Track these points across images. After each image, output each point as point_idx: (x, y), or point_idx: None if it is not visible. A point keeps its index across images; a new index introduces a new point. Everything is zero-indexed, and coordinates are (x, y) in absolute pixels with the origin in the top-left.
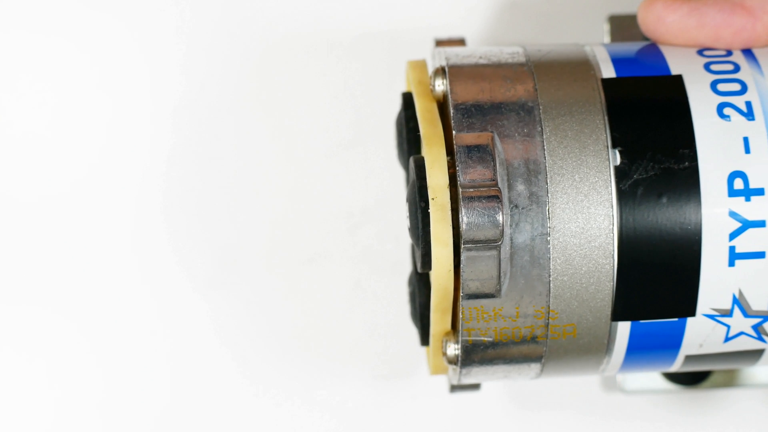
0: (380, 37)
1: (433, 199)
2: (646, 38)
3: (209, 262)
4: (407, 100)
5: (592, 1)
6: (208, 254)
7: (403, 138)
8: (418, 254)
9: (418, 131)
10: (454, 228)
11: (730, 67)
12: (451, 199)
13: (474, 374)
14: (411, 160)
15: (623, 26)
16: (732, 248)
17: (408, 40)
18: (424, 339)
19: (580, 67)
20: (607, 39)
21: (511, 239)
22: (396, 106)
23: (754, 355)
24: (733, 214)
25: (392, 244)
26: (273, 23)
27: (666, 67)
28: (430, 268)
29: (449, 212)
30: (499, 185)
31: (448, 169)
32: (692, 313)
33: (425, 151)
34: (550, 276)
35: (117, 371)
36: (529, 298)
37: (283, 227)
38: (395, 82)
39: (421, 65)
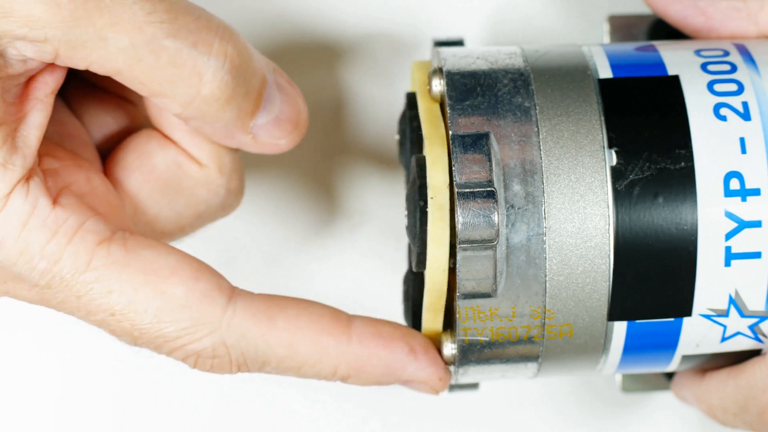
0: (380, 38)
1: (432, 198)
2: (645, 38)
3: (209, 262)
4: (411, 100)
5: (592, 1)
6: (208, 254)
7: (406, 137)
8: (414, 253)
9: (421, 131)
10: (451, 228)
11: (726, 67)
12: (449, 200)
13: (471, 374)
14: (413, 159)
15: (623, 26)
16: (728, 248)
17: (408, 40)
18: None
19: (577, 67)
20: (606, 39)
21: (507, 239)
22: (396, 106)
23: (751, 355)
24: (729, 215)
25: (392, 244)
26: (273, 23)
27: (663, 68)
28: (425, 267)
29: (447, 212)
30: (495, 185)
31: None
32: (688, 313)
33: (427, 151)
34: (546, 276)
35: (114, 371)
36: (526, 297)
37: (283, 227)
38: (395, 82)
39: (426, 66)
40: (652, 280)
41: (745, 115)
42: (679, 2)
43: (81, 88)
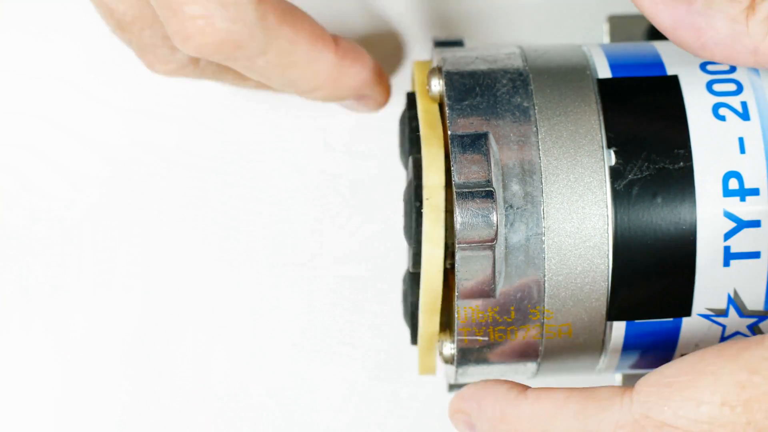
0: (381, 38)
1: (427, 199)
2: (645, 38)
3: (209, 263)
4: (411, 99)
5: (591, 1)
6: (208, 254)
7: (405, 137)
8: (410, 253)
9: (420, 131)
10: (447, 229)
11: (726, 67)
12: (447, 200)
13: (470, 374)
14: (410, 159)
15: (623, 26)
16: (727, 248)
17: (408, 40)
18: (415, 338)
19: (576, 67)
20: (606, 39)
21: (506, 239)
22: (396, 106)
23: None
24: (727, 214)
25: (392, 244)
26: None
27: (662, 68)
28: (420, 268)
29: (443, 213)
30: (494, 185)
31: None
32: (687, 313)
33: (423, 152)
34: (545, 276)
35: (113, 372)
36: (525, 298)
37: (283, 227)
38: (396, 82)
39: (427, 66)
40: (651, 280)
41: (744, 115)
42: (671, 8)
43: None
